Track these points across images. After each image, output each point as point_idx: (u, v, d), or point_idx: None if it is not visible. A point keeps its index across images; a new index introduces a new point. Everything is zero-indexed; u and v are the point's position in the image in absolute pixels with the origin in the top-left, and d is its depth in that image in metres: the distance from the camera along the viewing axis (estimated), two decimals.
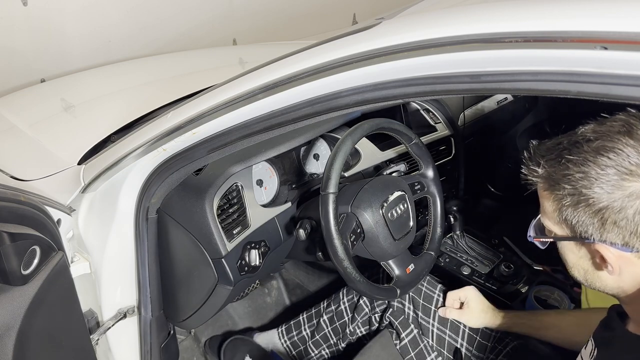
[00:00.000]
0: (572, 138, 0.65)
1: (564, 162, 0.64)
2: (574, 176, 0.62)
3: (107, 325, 1.06)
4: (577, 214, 0.64)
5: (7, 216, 0.77)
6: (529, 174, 0.70)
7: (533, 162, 0.69)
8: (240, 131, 0.83)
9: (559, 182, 0.65)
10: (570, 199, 0.64)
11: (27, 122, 1.39)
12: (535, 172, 0.68)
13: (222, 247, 1.02)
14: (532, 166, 0.69)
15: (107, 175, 1.00)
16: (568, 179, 0.63)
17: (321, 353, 1.48)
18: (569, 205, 0.65)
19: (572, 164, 0.63)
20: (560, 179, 0.64)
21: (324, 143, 1.37)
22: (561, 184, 0.64)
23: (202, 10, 2.34)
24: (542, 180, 0.68)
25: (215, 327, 1.72)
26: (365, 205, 1.01)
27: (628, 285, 0.68)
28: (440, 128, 1.67)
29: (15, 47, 1.88)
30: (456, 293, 1.21)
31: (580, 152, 0.62)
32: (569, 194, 0.64)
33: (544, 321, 1.13)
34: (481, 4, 0.59)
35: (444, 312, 1.21)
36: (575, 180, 0.62)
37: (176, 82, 1.62)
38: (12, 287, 0.77)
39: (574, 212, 0.64)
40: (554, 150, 0.67)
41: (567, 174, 0.63)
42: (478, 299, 1.19)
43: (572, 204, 0.64)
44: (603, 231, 0.63)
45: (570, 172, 0.63)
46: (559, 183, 0.65)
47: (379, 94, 0.66)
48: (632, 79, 0.46)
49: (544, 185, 0.68)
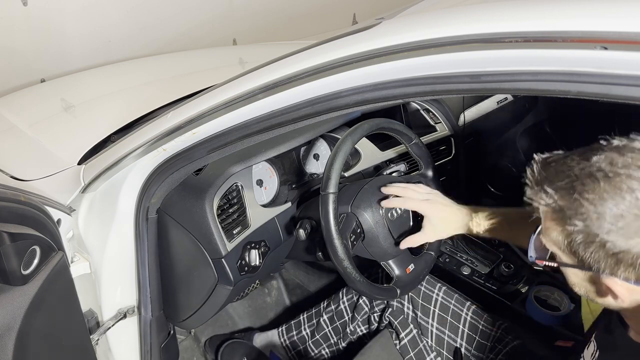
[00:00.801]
0: (586, 168, 0.59)
1: (577, 196, 0.58)
2: (590, 216, 0.57)
3: (107, 325, 1.06)
4: (589, 251, 0.60)
5: (7, 216, 0.77)
6: (535, 200, 0.64)
7: (539, 187, 0.63)
8: (240, 131, 0.83)
9: (571, 218, 0.59)
10: (582, 236, 0.59)
11: (27, 122, 1.39)
12: (542, 199, 0.63)
13: (222, 247, 1.02)
14: (539, 191, 0.63)
15: (107, 175, 1.00)
16: (582, 217, 0.58)
17: (321, 353, 1.48)
18: (580, 242, 0.60)
19: (586, 202, 0.57)
20: (573, 215, 0.59)
21: (324, 143, 1.37)
22: (573, 220, 0.59)
23: (202, 10, 2.34)
24: (550, 210, 0.63)
25: (215, 327, 1.72)
26: (365, 205, 1.01)
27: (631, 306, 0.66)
28: (440, 128, 1.67)
29: (15, 47, 1.88)
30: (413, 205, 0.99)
31: (595, 189, 0.57)
32: (581, 232, 0.59)
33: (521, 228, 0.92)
34: (481, 4, 0.59)
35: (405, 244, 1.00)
36: (589, 220, 0.57)
37: (176, 82, 1.62)
38: (12, 287, 0.77)
39: (585, 249, 0.60)
40: (563, 177, 0.61)
41: (580, 212, 0.58)
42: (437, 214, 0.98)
43: (585, 241, 0.59)
44: (617, 270, 0.59)
45: (584, 211, 0.58)
46: (571, 219, 0.59)
47: (379, 94, 0.66)
48: (632, 79, 0.46)
49: (553, 215, 0.63)
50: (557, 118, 1.92)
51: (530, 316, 1.36)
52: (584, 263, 0.62)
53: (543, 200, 0.63)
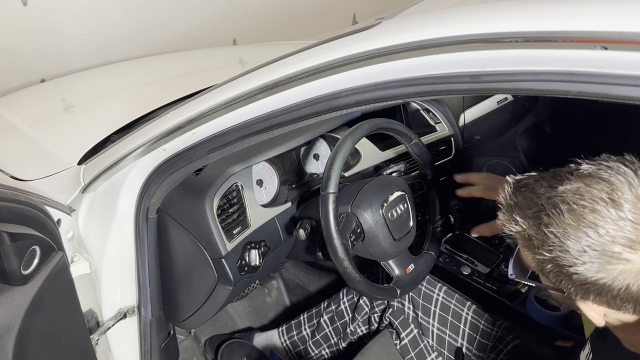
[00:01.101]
0: (552, 197, 0.59)
1: (543, 227, 0.59)
2: (555, 248, 0.58)
3: (107, 325, 1.06)
4: (560, 279, 0.61)
5: (7, 216, 0.77)
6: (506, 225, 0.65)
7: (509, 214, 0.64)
8: (240, 131, 0.83)
9: (539, 248, 0.60)
10: (551, 265, 0.60)
11: (27, 122, 1.39)
12: (512, 227, 0.64)
13: (222, 247, 1.02)
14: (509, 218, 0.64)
15: (107, 175, 1.00)
16: (549, 249, 0.59)
17: (321, 353, 1.48)
18: (550, 271, 0.61)
19: (552, 235, 0.58)
20: (540, 246, 0.60)
21: (324, 143, 1.37)
22: (541, 251, 0.60)
23: (202, 10, 2.34)
24: (521, 237, 0.64)
25: (215, 327, 1.72)
26: (365, 205, 1.01)
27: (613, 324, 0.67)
28: (440, 128, 1.67)
29: (15, 47, 1.88)
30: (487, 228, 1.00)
31: (560, 222, 0.57)
32: (550, 261, 0.60)
33: None
34: (481, 4, 0.59)
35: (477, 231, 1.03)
36: (555, 252, 0.58)
37: (176, 82, 1.62)
38: (12, 287, 0.77)
39: (556, 277, 0.61)
40: (531, 204, 0.61)
41: (547, 243, 0.59)
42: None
43: (553, 270, 0.61)
44: (587, 296, 0.60)
45: (550, 243, 0.59)
46: (539, 249, 0.60)
47: (379, 94, 0.66)
48: (632, 79, 0.46)
49: (523, 242, 0.64)
50: (557, 118, 1.92)
51: (530, 316, 1.36)
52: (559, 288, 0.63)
53: (513, 228, 0.63)
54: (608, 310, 0.62)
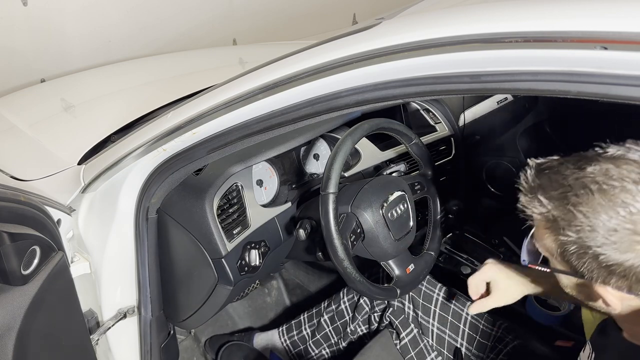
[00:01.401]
0: (580, 178, 0.58)
1: (571, 208, 0.58)
2: (583, 228, 0.57)
3: (107, 325, 1.06)
4: (582, 261, 0.60)
5: (7, 216, 0.77)
6: (528, 207, 0.64)
7: (533, 195, 0.63)
8: (240, 131, 0.83)
9: (565, 229, 0.59)
10: (575, 247, 0.59)
11: (27, 122, 1.39)
12: (536, 208, 0.63)
13: (222, 247, 1.02)
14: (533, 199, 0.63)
15: (107, 175, 1.00)
16: (576, 229, 0.58)
17: (321, 352, 1.48)
18: (573, 252, 0.60)
19: (580, 214, 0.57)
20: (567, 226, 0.59)
21: (324, 143, 1.37)
22: (566, 231, 0.59)
23: (202, 10, 2.34)
24: (544, 219, 0.63)
25: (215, 327, 1.72)
26: (365, 205, 1.01)
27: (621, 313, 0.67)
28: (440, 128, 1.67)
29: (15, 47, 1.88)
30: (477, 277, 1.01)
31: (589, 202, 0.57)
32: (574, 242, 0.59)
33: None
34: (481, 4, 0.59)
35: (476, 309, 1.02)
36: (583, 232, 0.57)
37: (176, 82, 1.62)
38: (12, 287, 0.77)
39: (578, 259, 0.60)
40: (557, 186, 0.60)
41: (574, 223, 0.58)
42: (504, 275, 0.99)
43: (578, 252, 0.60)
44: (609, 279, 0.59)
45: (577, 223, 0.58)
46: (564, 229, 0.59)
47: (379, 94, 0.66)
48: (632, 79, 0.46)
49: (546, 224, 0.63)
50: (557, 118, 1.92)
51: (530, 316, 1.36)
52: (577, 271, 0.62)
53: (537, 209, 0.63)
54: (626, 295, 0.60)
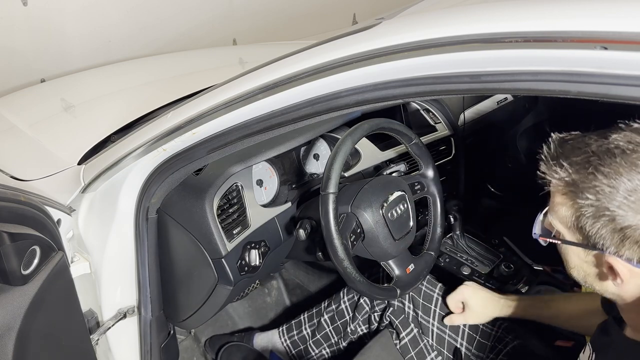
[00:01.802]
0: (604, 145, 0.60)
1: (592, 170, 0.60)
2: (602, 189, 0.59)
3: (107, 325, 1.06)
4: (596, 226, 0.61)
5: (7, 216, 0.77)
6: (549, 174, 0.65)
7: (555, 162, 0.65)
8: (240, 131, 0.83)
9: (584, 191, 0.61)
10: (592, 210, 0.60)
11: (27, 122, 1.39)
12: (556, 173, 0.64)
13: (222, 247, 1.02)
14: (554, 166, 0.64)
15: (107, 175, 1.00)
16: (595, 190, 0.59)
17: (321, 352, 1.48)
18: (589, 216, 0.61)
19: (601, 175, 0.59)
20: (586, 189, 0.60)
21: (324, 143, 1.37)
22: (585, 194, 0.61)
23: (202, 10, 2.34)
24: (563, 183, 0.64)
25: (215, 327, 1.72)
26: (365, 205, 1.01)
27: (628, 294, 0.67)
28: (440, 128, 1.67)
29: (15, 47, 1.88)
30: (453, 297, 1.17)
31: (612, 164, 0.58)
32: (592, 205, 0.60)
33: (553, 308, 1.09)
34: (481, 4, 0.59)
35: (449, 320, 1.19)
36: (602, 193, 0.59)
37: (176, 82, 1.62)
38: (12, 287, 0.77)
39: (593, 223, 0.61)
40: (580, 153, 0.62)
41: (594, 184, 0.59)
42: (476, 296, 1.14)
43: (593, 215, 0.61)
44: (621, 247, 0.60)
45: (598, 184, 0.59)
46: (583, 192, 0.61)
47: (379, 94, 0.66)
48: (632, 79, 0.46)
49: (564, 189, 0.64)
50: (557, 118, 1.92)
51: None
52: (589, 241, 0.63)
53: (557, 174, 0.64)
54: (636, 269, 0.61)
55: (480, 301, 1.14)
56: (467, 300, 1.15)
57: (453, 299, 1.17)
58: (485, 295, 1.14)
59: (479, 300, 1.14)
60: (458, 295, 1.16)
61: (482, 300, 1.14)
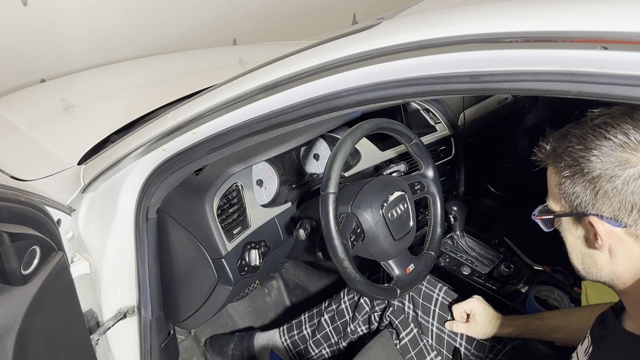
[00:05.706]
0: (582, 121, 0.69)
1: (568, 136, 0.68)
2: (574, 147, 0.66)
3: (107, 325, 1.06)
4: (573, 185, 0.67)
5: (7, 216, 0.77)
6: (538, 152, 0.73)
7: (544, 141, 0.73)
8: (240, 131, 0.83)
9: (561, 155, 0.68)
10: (568, 170, 0.67)
11: (27, 122, 1.39)
12: (543, 148, 0.72)
13: (222, 247, 1.02)
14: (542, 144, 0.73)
15: (107, 175, 1.00)
16: (569, 151, 0.67)
17: (322, 352, 1.48)
18: (567, 177, 0.67)
19: (574, 137, 0.66)
20: (562, 152, 0.68)
21: (324, 143, 1.37)
22: (563, 157, 0.68)
23: (202, 10, 2.34)
24: (547, 156, 0.72)
25: (215, 327, 1.72)
26: (365, 205, 1.01)
27: (621, 269, 0.69)
28: (440, 128, 1.67)
29: (15, 47, 1.89)
30: (461, 306, 1.19)
31: (583, 127, 0.66)
32: (568, 165, 0.67)
33: (550, 325, 1.13)
34: (481, 4, 0.59)
35: (451, 326, 1.20)
36: (575, 151, 0.66)
37: (176, 82, 1.62)
38: (12, 287, 0.77)
39: (571, 183, 0.67)
40: (564, 131, 0.71)
41: (568, 146, 0.67)
42: (483, 310, 1.17)
43: (570, 175, 0.67)
44: (595, 202, 0.65)
45: (571, 145, 0.66)
46: (561, 156, 0.68)
47: (379, 94, 0.66)
48: (632, 79, 0.46)
49: (549, 160, 0.72)
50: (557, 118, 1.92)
51: None
52: (572, 205, 0.69)
53: (544, 149, 0.72)
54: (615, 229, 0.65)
55: (486, 317, 1.17)
56: (474, 313, 1.18)
57: (460, 308, 1.20)
58: (492, 313, 1.18)
59: (486, 316, 1.17)
60: (467, 306, 1.19)
61: (488, 317, 1.17)
